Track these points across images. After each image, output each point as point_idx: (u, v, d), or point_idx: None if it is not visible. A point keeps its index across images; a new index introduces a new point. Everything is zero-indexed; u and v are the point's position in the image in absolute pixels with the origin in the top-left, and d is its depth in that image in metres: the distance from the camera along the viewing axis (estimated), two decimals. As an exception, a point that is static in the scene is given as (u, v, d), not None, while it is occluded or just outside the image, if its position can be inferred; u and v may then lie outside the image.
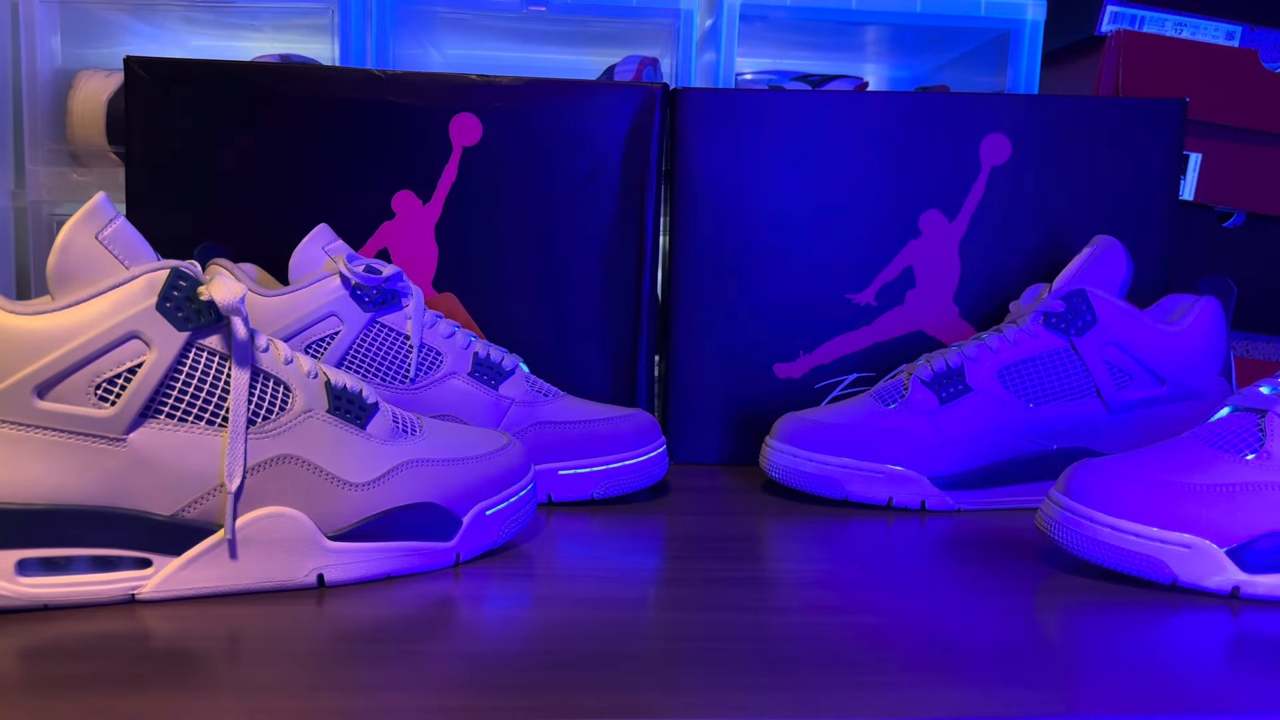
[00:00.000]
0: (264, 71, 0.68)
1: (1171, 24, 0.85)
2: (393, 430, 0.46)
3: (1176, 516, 0.44)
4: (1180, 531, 0.44)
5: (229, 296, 0.40)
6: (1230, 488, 0.45)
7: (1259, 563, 0.43)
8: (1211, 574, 0.44)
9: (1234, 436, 0.47)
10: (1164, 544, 0.44)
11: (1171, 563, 0.44)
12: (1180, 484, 0.45)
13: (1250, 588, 0.43)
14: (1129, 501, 0.45)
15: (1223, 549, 0.44)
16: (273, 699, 0.33)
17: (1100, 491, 0.46)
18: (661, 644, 0.38)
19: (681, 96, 0.69)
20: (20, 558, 0.38)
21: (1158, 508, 0.45)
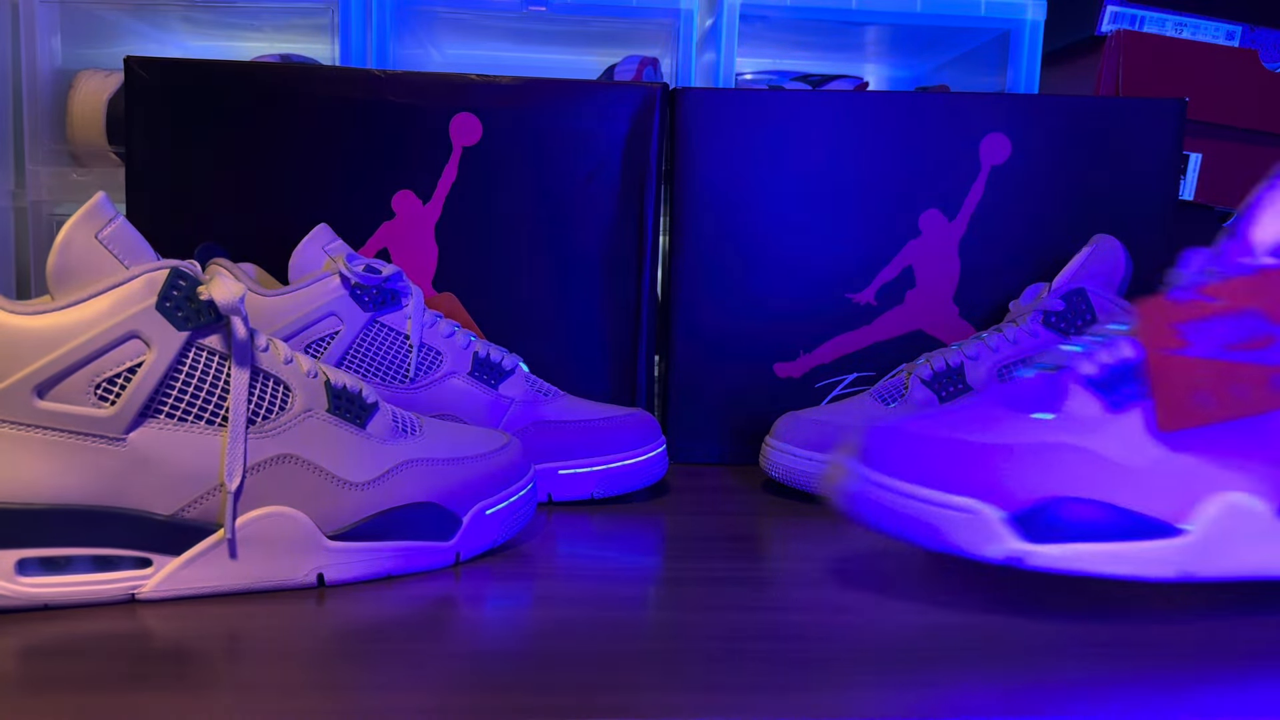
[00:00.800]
0: (264, 72, 0.68)
1: (1172, 24, 0.85)
2: (392, 430, 0.46)
3: (955, 478, 0.39)
4: (959, 495, 0.39)
5: (229, 296, 0.40)
6: (1017, 449, 0.40)
7: (1041, 531, 0.39)
8: (989, 542, 0.39)
9: (1031, 395, 0.42)
10: (941, 508, 0.39)
11: (948, 528, 0.39)
12: (965, 444, 0.40)
13: (1031, 558, 0.39)
14: (908, 461, 0.40)
15: (1005, 515, 0.39)
16: (272, 699, 0.33)
17: (882, 451, 0.41)
18: (661, 644, 0.38)
19: (681, 96, 0.69)
20: (20, 557, 0.38)
21: (937, 468, 0.40)
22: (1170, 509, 0.39)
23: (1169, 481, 0.39)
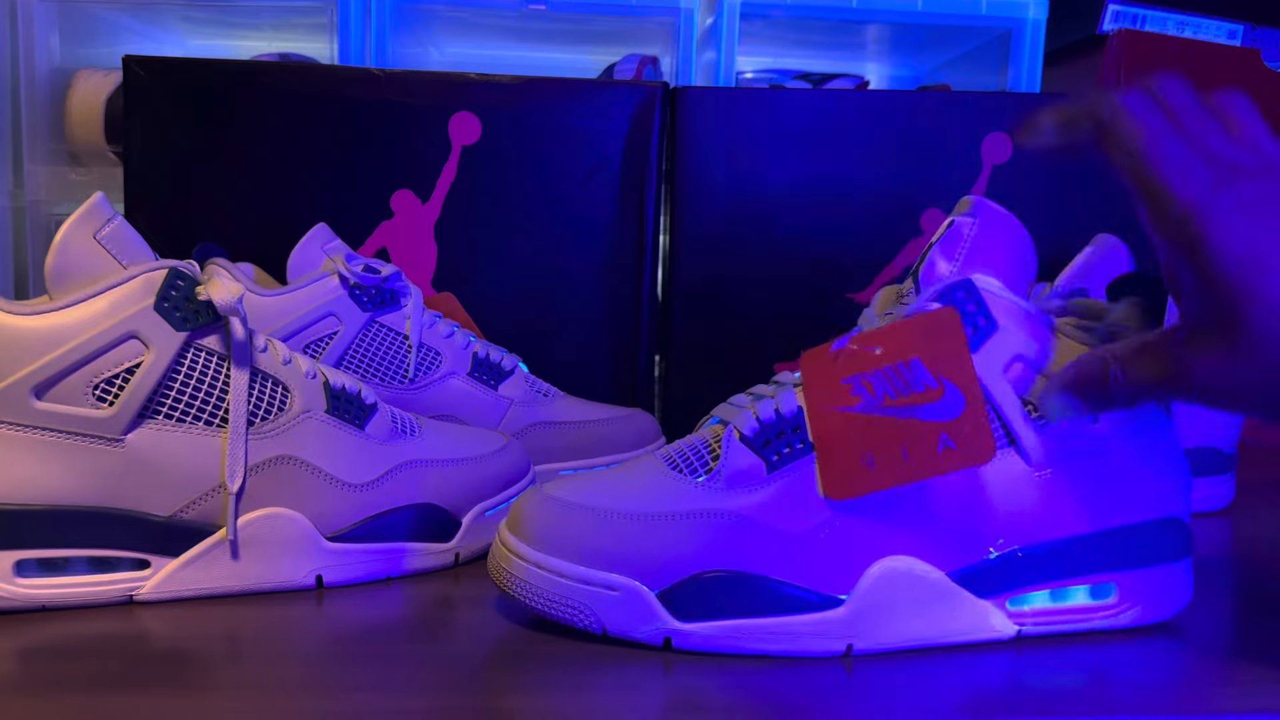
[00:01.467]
0: (263, 71, 0.68)
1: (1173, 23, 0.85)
2: (391, 431, 0.45)
3: (605, 554, 0.36)
4: (610, 571, 0.36)
5: (227, 296, 0.39)
6: (667, 517, 0.36)
7: (689, 607, 0.36)
8: (643, 622, 0.36)
9: (696, 455, 0.39)
10: (588, 586, 0.36)
11: (601, 609, 0.36)
12: (618, 514, 0.37)
13: (681, 638, 0.36)
14: (560, 537, 0.36)
15: (654, 592, 0.36)
16: (271, 700, 0.32)
17: (535, 526, 0.37)
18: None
19: (682, 95, 0.69)
20: (18, 558, 0.38)
21: (588, 543, 0.36)
22: (828, 579, 0.36)
23: (828, 549, 0.36)
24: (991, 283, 0.38)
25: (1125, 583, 0.39)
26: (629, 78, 0.91)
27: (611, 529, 0.36)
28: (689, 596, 0.36)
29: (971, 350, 0.36)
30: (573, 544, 0.36)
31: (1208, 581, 0.48)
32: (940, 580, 0.37)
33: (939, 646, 0.38)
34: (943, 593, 0.37)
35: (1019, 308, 0.37)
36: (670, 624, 0.36)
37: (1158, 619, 0.40)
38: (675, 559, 0.36)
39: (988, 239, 0.38)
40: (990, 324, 0.37)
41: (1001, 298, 0.37)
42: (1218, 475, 0.60)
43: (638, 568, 0.36)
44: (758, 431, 0.38)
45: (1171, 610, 0.40)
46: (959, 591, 0.37)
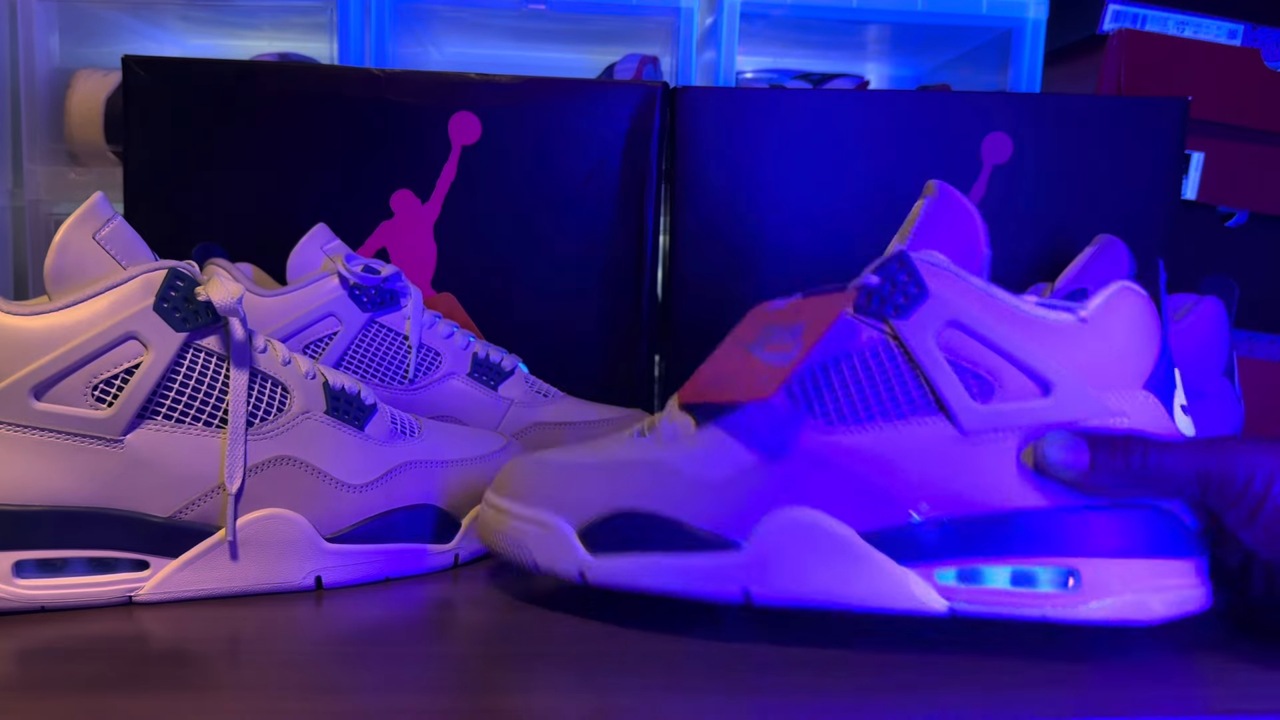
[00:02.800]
0: (262, 70, 0.68)
1: (1174, 23, 0.85)
2: (391, 431, 0.45)
3: (542, 494, 0.39)
4: (540, 509, 0.39)
5: (226, 297, 0.39)
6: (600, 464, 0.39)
7: (603, 543, 0.38)
8: (564, 556, 0.38)
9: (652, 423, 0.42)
10: (525, 522, 0.39)
11: (532, 545, 0.39)
12: (563, 463, 0.40)
13: (591, 571, 0.38)
14: (517, 483, 0.40)
15: (575, 529, 0.38)
16: (271, 701, 0.32)
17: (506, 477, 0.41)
18: (662, 645, 0.38)
19: (682, 95, 0.69)
20: (17, 559, 0.38)
21: (532, 486, 0.39)
22: (732, 523, 0.37)
23: (737, 495, 0.37)
24: (936, 256, 0.38)
25: (1091, 572, 0.36)
26: (629, 78, 0.91)
27: (553, 474, 0.40)
28: (604, 533, 0.38)
29: (903, 317, 0.38)
30: (522, 488, 0.40)
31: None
32: (848, 536, 0.36)
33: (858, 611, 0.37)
34: (850, 550, 0.36)
35: (958, 278, 0.38)
36: (584, 558, 0.38)
37: (1141, 620, 0.36)
38: (598, 499, 0.38)
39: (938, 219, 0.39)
40: (922, 292, 0.38)
41: (939, 268, 0.38)
42: (1218, 476, 0.60)
43: (566, 506, 0.38)
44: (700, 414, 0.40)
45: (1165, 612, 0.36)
46: (871, 552, 0.36)
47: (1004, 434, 0.37)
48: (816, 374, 0.38)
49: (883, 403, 0.37)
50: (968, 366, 0.37)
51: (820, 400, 0.38)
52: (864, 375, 0.38)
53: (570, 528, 0.38)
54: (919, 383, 0.37)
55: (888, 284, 0.38)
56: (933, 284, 0.38)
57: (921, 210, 0.40)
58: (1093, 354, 0.37)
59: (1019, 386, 0.37)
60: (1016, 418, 0.37)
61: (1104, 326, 0.38)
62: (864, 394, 0.37)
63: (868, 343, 0.38)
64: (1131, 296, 0.38)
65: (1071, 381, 0.37)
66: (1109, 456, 0.36)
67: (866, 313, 0.38)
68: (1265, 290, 0.85)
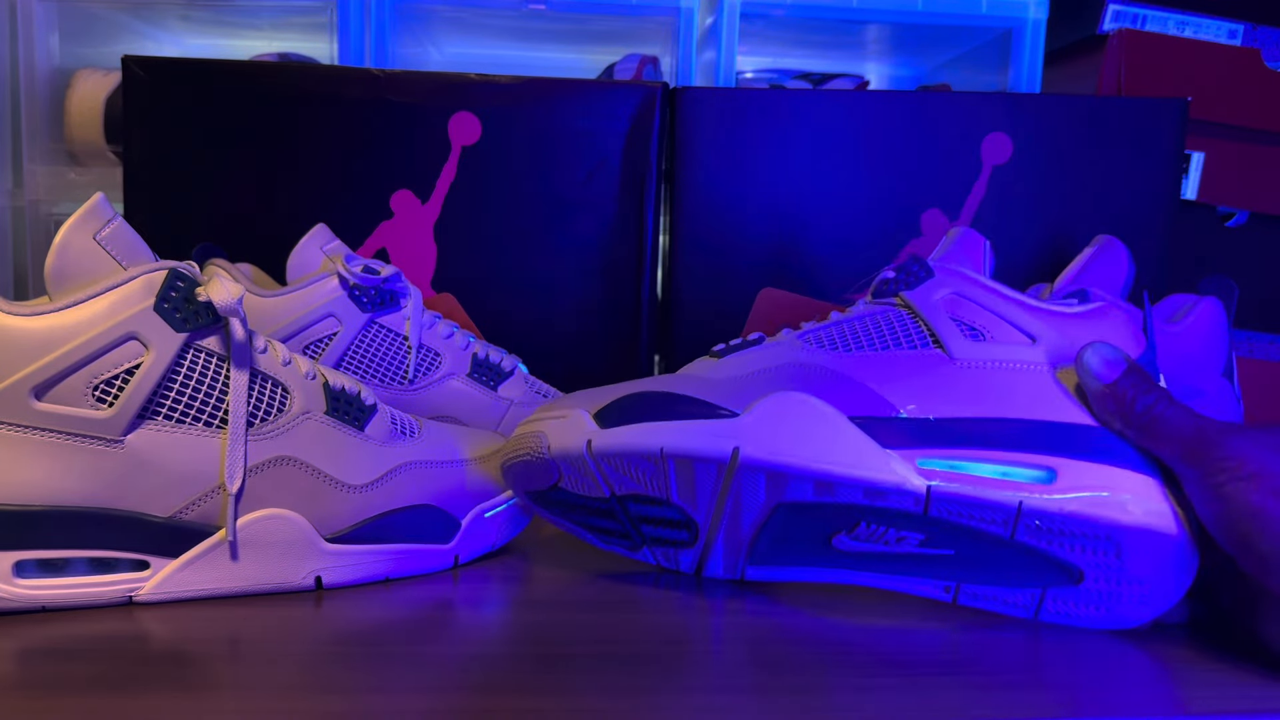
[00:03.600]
0: (262, 70, 0.68)
1: (1174, 23, 0.85)
2: (391, 432, 0.45)
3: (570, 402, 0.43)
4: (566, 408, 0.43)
5: (227, 297, 0.39)
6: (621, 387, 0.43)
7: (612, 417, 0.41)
8: (575, 435, 0.41)
9: None
10: (550, 419, 0.42)
11: (549, 432, 0.42)
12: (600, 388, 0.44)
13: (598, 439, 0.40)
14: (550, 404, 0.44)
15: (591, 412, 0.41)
16: (271, 701, 0.32)
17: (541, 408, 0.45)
18: (662, 646, 0.38)
19: (682, 95, 0.69)
20: (18, 559, 0.38)
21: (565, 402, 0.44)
22: (735, 399, 0.40)
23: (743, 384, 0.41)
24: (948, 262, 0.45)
25: (1068, 470, 0.38)
26: (629, 78, 0.91)
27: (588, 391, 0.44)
28: (616, 409, 0.41)
29: (911, 290, 0.44)
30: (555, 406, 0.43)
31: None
32: (836, 415, 0.39)
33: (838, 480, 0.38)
34: (838, 426, 0.39)
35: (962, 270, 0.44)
36: (591, 428, 0.41)
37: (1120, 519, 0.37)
38: (619, 391, 0.42)
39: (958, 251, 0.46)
40: (929, 274, 0.44)
41: (945, 265, 0.45)
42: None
43: (589, 401, 0.42)
44: (722, 349, 0.45)
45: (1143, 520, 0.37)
46: (856, 430, 0.38)
47: (991, 365, 0.41)
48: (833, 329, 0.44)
49: (885, 339, 0.43)
50: (965, 321, 0.42)
51: (831, 341, 0.43)
52: (873, 326, 0.43)
53: (587, 412, 0.41)
54: (920, 329, 0.43)
55: (902, 274, 0.45)
56: (940, 271, 0.44)
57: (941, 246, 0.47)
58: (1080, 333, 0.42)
59: (1008, 335, 0.42)
60: (1004, 354, 0.41)
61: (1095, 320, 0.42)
62: (870, 335, 0.43)
63: (880, 310, 0.44)
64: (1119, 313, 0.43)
65: (1054, 335, 0.41)
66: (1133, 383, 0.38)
67: (881, 295, 0.45)
68: (1265, 290, 0.85)
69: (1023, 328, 0.42)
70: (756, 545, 0.42)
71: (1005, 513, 0.38)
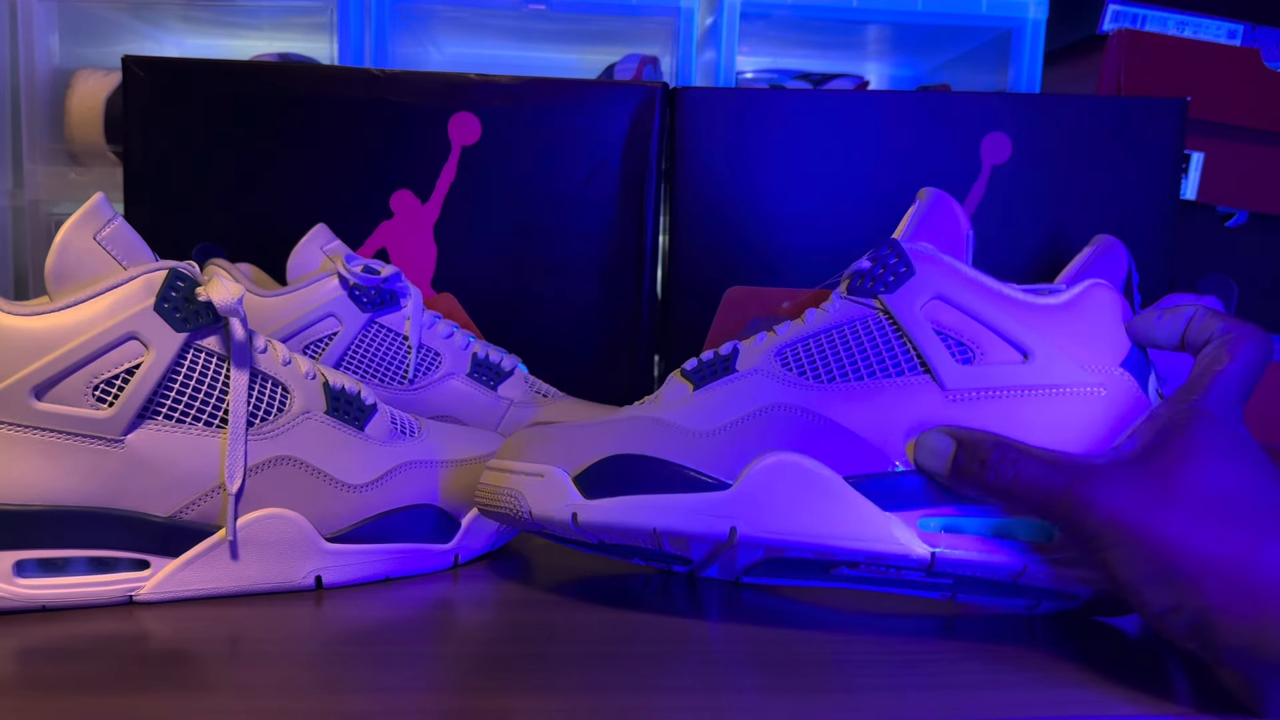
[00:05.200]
0: (262, 71, 0.68)
1: (1173, 23, 0.85)
2: (391, 431, 0.45)
3: (541, 451, 0.40)
4: (536, 463, 0.40)
5: (227, 297, 0.39)
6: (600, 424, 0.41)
7: (596, 486, 0.38)
8: (556, 501, 0.39)
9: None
10: (523, 475, 0.40)
11: (526, 492, 0.40)
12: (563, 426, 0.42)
13: (585, 512, 0.38)
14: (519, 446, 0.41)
15: (570, 475, 0.39)
16: (271, 700, 0.32)
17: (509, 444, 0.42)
18: (662, 646, 0.38)
19: (681, 95, 0.69)
20: (18, 559, 0.38)
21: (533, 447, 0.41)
22: (722, 466, 0.38)
23: (728, 441, 0.39)
24: (924, 245, 0.41)
25: None
26: (629, 78, 0.91)
27: (554, 436, 0.41)
28: (598, 476, 0.39)
29: (890, 292, 0.40)
30: (523, 450, 0.41)
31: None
32: (832, 479, 0.37)
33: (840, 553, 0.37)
34: (834, 492, 0.37)
35: (945, 261, 0.41)
36: (578, 500, 0.38)
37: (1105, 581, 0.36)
38: (595, 448, 0.39)
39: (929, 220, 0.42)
40: (909, 270, 0.41)
41: (925, 253, 0.41)
42: (1217, 475, 0.60)
43: (564, 458, 0.40)
44: (695, 367, 0.42)
45: None
46: (854, 495, 0.37)
47: (985, 394, 0.38)
48: (810, 345, 0.40)
49: (870, 364, 0.39)
50: (952, 335, 0.39)
51: (813, 366, 0.40)
52: (854, 343, 0.40)
53: (566, 474, 0.39)
54: (905, 347, 0.39)
55: (879, 266, 0.41)
56: (920, 265, 0.40)
57: (913, 212, 0.43)
58: (1071, 332, 0.39)
59: (1000, 353, 0.39)
60: (997, 378, 0.39)
61: (1081, 310, 0.40)
62: (853, 358, 0.40)
63: (858, 317, 0.41)
64: (1106, 289, 0.41)
65: (1048, 349, 0.39)
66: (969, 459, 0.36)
67: (858, 293, 0.41)
68: (1265, 290, 0.85)
69: (1014, 340, 0.39)
70: (754, 570, 0.43)
71: (1009, 573, 0.37)
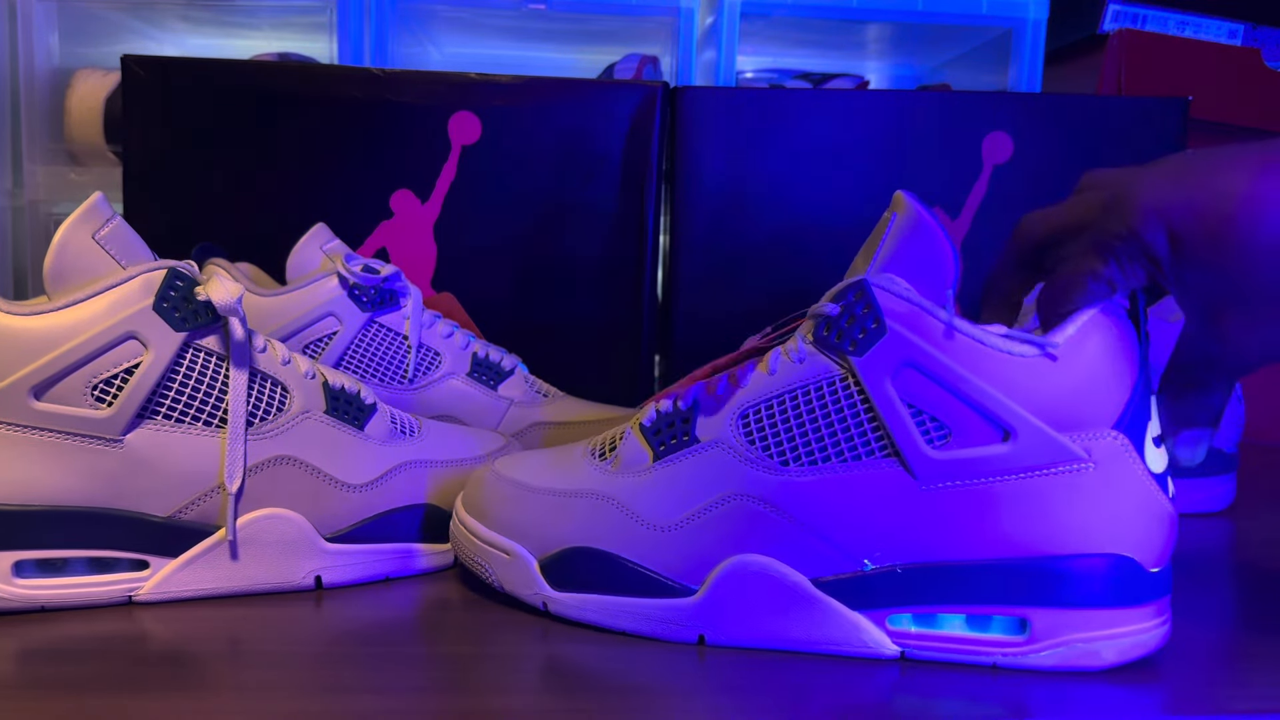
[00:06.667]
0: (262, 70, 0.68)
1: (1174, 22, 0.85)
2: (391, 431, 0.45)
3: (505, 521, 0.40)
4: (505, 536, 0.40)
5: (226, 296, 0.39)
6: (560, 494, 0.40)
7: (562, 578, 0.39)
8: (525, 586, 0.39)
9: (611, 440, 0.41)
10: (491, 547, 0.40)
11: (497, 568, 0.40)
12: (526, 487, 0.41)
13: (553, 604, 0.39)
14: (483, 504, 0.41)
15: (536, 559, 0.39)
16: (270, 701, 0.32)
17: (472, 495, 0.42)
18: (663, 644, 0.38)
19: (682, 95, 0.69)
20: (17, 559, 0.38)
21: (497, 510, 0.40)
22: (684, 569, 0.37)
23: (690, 542, 0.37)
24: (897, 284, 0.36)
25: (1041, 620, 0.35)
26: (629, 78, 0.91)
27: (517, 500, 0.40)
28: (562, 568, 0.39)
29: (859, 354, 0.36)
30: (487, 510, 0.41)
31: (1208, 581, 0.48)
32: (800, 584, 0.36)
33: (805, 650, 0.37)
34: (802, 597, 0.36)
35: (919, 311, 0.35)
36: (546, 591, 0.39)
37: (1092, 667, 0.35)
38: (556, 533, 0.39)
39: (905, 241, 0.36)
40: (881, 328, 0.35)
41: (899, 299, 0.36)
42: (1218, 475, 0.60)
43: (528, 536, 0.40)
44: (653, 421, 0.40)
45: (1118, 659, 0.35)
46: (822, 599, 0.36)
47: (960, 482, 0.35)
48: (774, 407, 0.37)
49: (838, 444, 0.36)
50: (926, 411, 0.35)
51: (776, 438, 0.37)
52: (820, 412, 0.36)
53: (532, 558, 0.39)
54: (874, 425, 0.36)
55: (846, 315, 0.36)
56: (891, 320, 0.35)
57: (889, 231, 0.37)
58: (1058, 393, 0.35)
59: (977, 432, 0.35)
60: (973, 466, 0.35)
61: (1074, 361, 0.35)
62: (819, 433, 0.36)
63: (825, 376, 0.36)
64: (1106, 324, 0.35)
65: (1032, 426, 0.35)
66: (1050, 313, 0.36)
67: (825, 346, 0.36)
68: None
69: (994, 416, 0.35)
70: None
71: (980, 666, 0.36)
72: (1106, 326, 0.35)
